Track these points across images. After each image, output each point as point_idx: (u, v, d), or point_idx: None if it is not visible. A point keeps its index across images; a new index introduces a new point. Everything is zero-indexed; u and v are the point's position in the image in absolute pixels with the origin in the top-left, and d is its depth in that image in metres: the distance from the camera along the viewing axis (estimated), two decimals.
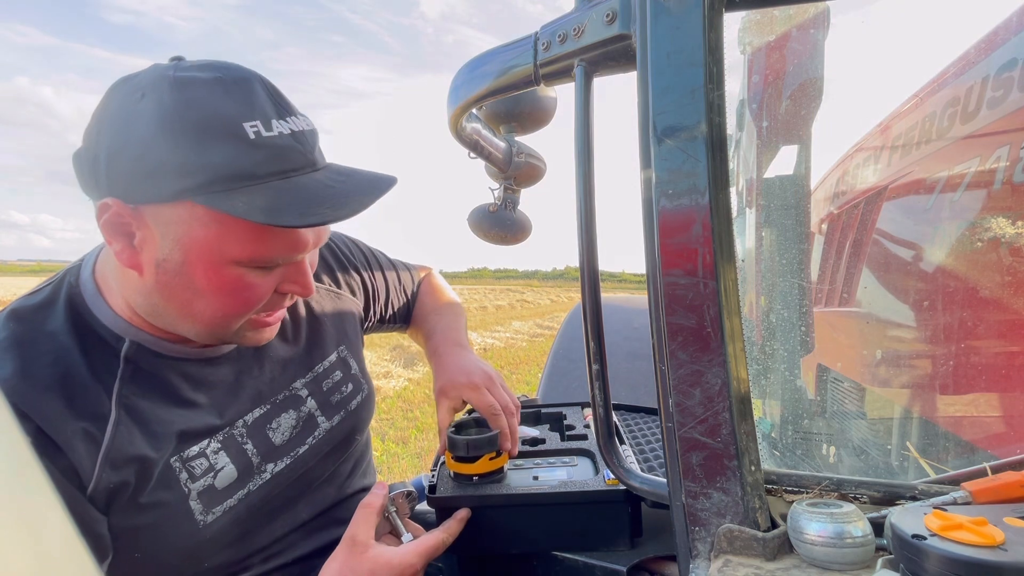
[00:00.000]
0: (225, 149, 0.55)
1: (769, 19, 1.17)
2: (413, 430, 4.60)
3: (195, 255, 0.59)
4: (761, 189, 1.25)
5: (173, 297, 0.62)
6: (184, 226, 0.58)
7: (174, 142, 0.54)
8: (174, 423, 0.66)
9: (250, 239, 0.59)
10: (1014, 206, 0.81)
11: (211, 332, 0.66)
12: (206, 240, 0.58)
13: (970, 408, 0.91)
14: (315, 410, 0.83)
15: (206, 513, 0.66)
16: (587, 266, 0.65)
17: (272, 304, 0.67)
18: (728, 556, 0.52)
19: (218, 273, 0.60)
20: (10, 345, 0.59)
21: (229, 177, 0.55)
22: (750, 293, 1.33)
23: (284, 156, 0.59)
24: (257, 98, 0.58)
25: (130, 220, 0.58)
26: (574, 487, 0.77)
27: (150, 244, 0.59)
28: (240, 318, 0.65)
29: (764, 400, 1.32)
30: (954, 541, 0.39)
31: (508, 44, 0.71)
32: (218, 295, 0.61)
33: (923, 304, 1.02)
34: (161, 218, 0.58)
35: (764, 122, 1.22)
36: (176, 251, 0.59)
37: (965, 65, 0.98)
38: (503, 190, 1.15)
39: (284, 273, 0.66)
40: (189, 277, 0.60)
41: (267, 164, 0.58)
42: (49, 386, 0.58)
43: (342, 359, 0.90)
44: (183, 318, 0.64)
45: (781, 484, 0.58)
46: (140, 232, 0.59)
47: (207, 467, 0.68)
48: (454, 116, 0.84)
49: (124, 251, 0.60)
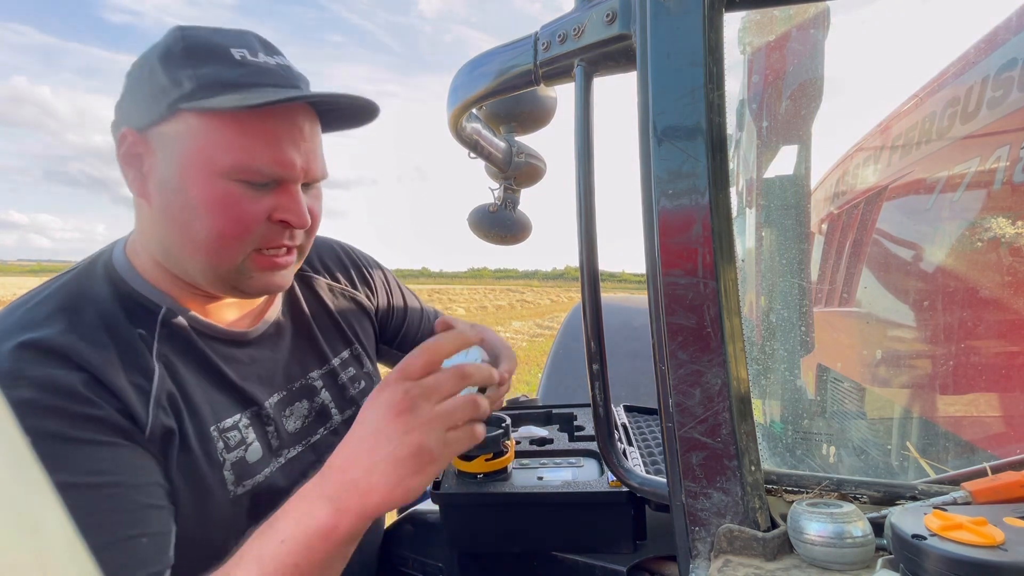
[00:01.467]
0: (213, 66, 0.62)
1: (769, 19, 1.17)
2: None
3: (188, 168, 0.63)
4: (761, 189, 1.25)
5: (175, 221, 0.65)
6: (179, 141, 0.63)
7: (170, 64, 0.62)
8: (207, 391, 0.69)
9: (234, 145, 0.63)
10: (1014, 206, 0.81)
11: (214, 265, 0.67)
12: (196, 150, 0.63)
13: (970, 408, 0.91)
14: (329, 402, 0.84)
15: (237, 485, 0.68)
16: (587, 266, 0.65)
17: (271, 236, 0.68)
18: (728, 556, 0.52)
19: (210, 186, 0.63)
20: (59, 308, 0.62)
21: (214, 85, 0.62)
22: (750, 293, 1.33)
23: (267, 73, 0.65)
24: (248, 37, 0.67)
25: (140, 148, 0.65)
26: (577, 488, 0.77)
27: (155, 169, 0.65)
28: (237, 244, 0.66)
29: (764, 400, 1.32)
30: (954, 541, 0.39)
31: (508, 44, 0.71)
32: (211, 210, 0.64)
33: (923, 304, 1.02)
34: (162, 138, 0.63)
35: (764, 122, 1.22)
36: (173, 167, 0.63)
37: (965, 65, 0.98)
38: (503, 190, 1.15)
39: (276, 200, 0.67)
40: (185, 194, 0.63)
41: (250, 77, 0.63)
42: (98, 341, 0.61)
43: (355, 356, 0.92)
44: (187, 248, 0.66)
45: (781, 484, 0.58)
46: (148, 159, 0.65)
47: (239, 439, 0.70)
48: (454, 116, 0.84)
49: (135, 180, 0.66)
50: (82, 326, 0.61)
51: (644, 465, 0.90)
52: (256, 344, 0.77)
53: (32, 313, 0.62)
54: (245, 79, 0.63)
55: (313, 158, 0.69)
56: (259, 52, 0.66)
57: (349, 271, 0.99)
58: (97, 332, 0.62)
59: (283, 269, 0.71)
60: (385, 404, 0.56)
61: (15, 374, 0.54)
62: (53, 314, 0.61)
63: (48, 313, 0.61)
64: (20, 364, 0.55)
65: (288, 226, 0.69)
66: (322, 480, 0.55)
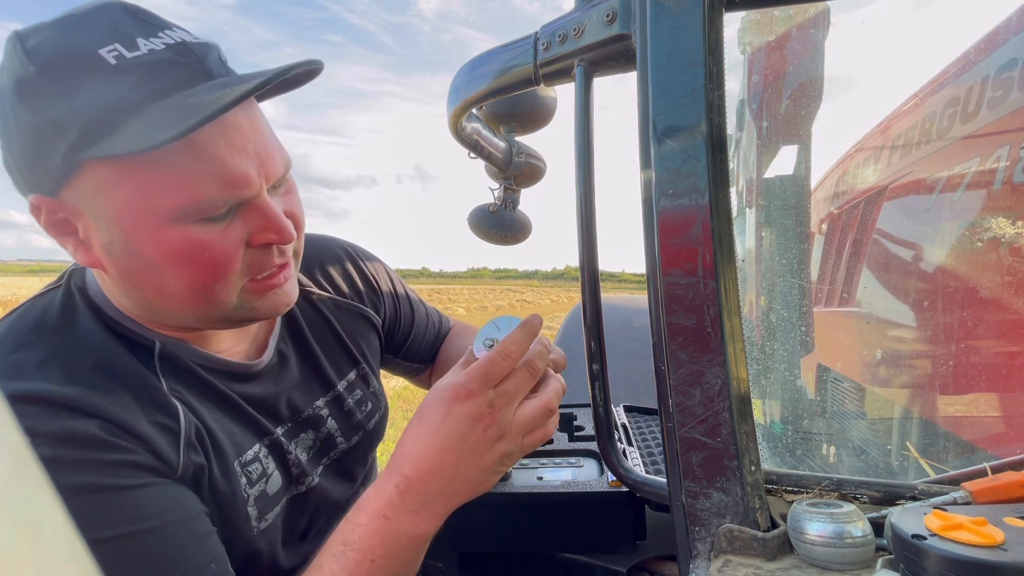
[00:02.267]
0: (87, 87, 0.47)
1: (769, 19, 1.17)
2: None
3: (129, 225, 0.52)
4: (761, 189, 1.25)
5: (142, 284, 0.56)
6: (100, 197, 0.51)
7: (30, 100, 0.48)
8: (224, 424, 0.63)
9: (170, 184, 0.51)
10: (1014, 206, 0.81)
11: (208, 313, 0.59)
12: (126, 203, 0.51)
13: (970, 408, 0.91)
14: (335, 431, 0.80)
15: (260, 520, 0.64)
16: (587, 266, 0.65)
17: (257, 263, 0.59)
18: (728, 556, 0.52)
19: (163, 237, 0.52)
20: (48, 354, 0.54)
21: (101, 117, 0.47)
22: (750, 293, 1.33)
23: (160, 73, 0.49)
24: (113, 21, 0.50)
25: (63, 213, 0.53)
26: (577, 488, 0.77)
27: (92, 232, 0.53)
28: (224, 287, 0.57)
29: (764, 400, 1.32)
30: (954, 541, 0.39)
31: (508, 44, 0.71)
32: (177, 265, 0.54)
33: (923, 304, 1.02)
34: (81, 197, 0.51)
35: (764, 122, 1.22)
36: (112, 229, 0.52)
37: (965, 65, 0.98)
38: (503, 190, 1.15)
39: (247, 223, 0.56)
40: (140, 254, 0.53)
41: (140, 87, 0.48)
42: (104, 388, 0.54)
43: (362, 376, 0.86)
44: (169, 305, 0.58)
45: (781, 484, 0.58)
46: (79, 222, 0.53)
47: (261, 472, 0.65)
48: (454, 116, 0.84)
49: (78, 250, 0.55)
50: (81, 373, 0.53)
51: (644, 465, 0.90)
52: (261, 378, 0.71)
53: (17, 361, 0.53)
54: (138, 91, 0.48)
55: (267, 156, 0.57)
56: (136, 38, 0.49)
57: (355, 281, 0.90)
58: (101, 378, 0.54)
59: (284, 285, 0.63)
60: (469, 417, 0.54)
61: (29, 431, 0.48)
62: (45, 363, 0.53)
63: (38, 362, 0.53)
64: (30, 421, 0.48)
65: (272, 244, 0.59)
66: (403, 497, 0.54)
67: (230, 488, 0.61)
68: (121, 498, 0.50)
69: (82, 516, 0.45)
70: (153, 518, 0.51)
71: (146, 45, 0.49)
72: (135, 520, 0.50)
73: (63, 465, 0.48)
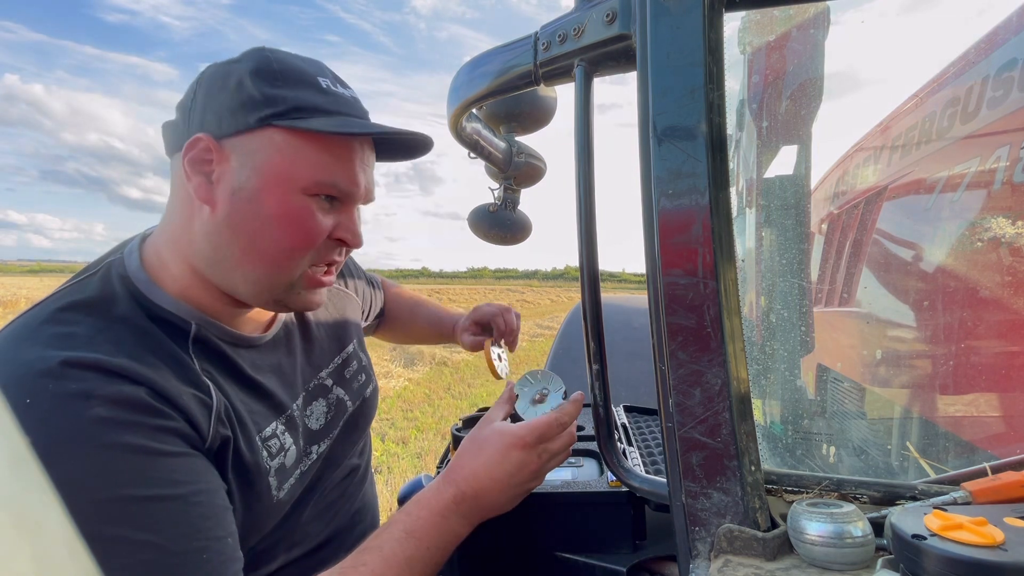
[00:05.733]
0: (303, 90, 0.67)
1: (769, 19, 1.17)
2: (413, 430, 4.60)
3: (270, 180, 0.66)
4: (761, 189, 1.25)
5: (242, 229, 0.66)
6: (263, 154, 0.65)
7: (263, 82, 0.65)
8: (247, 403, 0.70)
9: (318, 164, 0.67)
10: (1014, 206, 0.81)
11: (272, 279, 0.69)
12: (281, 165, 0.65)
13: (970, 408, 0.91)
14: (343, 395, 0.89)
15: (279, 489, 0.71)
16: (587, 266, 0.65)
17: (326, 252, 0.72)
18: (728, 556, 0.52)
19: (288, 200, 0.66)
20: (93, 330, 0.60)
21: (305, 108, 0.66)
22: (750, 293, 1.33)
23: (348, 104, 0.70)
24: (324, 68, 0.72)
25: (213, 154, 0.66)
26: (576, 488, 0.77)
27: (227, 176, 0.66)
28: (299, 259, 0.69)
29: (764, 400, 1.32)
30: (954, 541, 0.39)
31: (508, 44, 0.71)
32: (284, 223, 0.66)
33: (923, 304, 1.02)
34: (243, 148, 0.65)
35: (764, 122, 1.22)
36: (253, 178, 0.65)
37: (965, 65, 0.98)
38: (503, 190, 1.15)
39: (338, 219, 0.71)
40: (260, 204, 0.66)
41: (334, 105, 0.68)
42: (148, 361, 0.60)
43: (355, 352, 0.97)
44: (247, 258, 0.67)
45: (781, 484, 0.58)
46: (219, 167, 0.66)
47: (279, 447, 0.73)
48: (454, 116, 0.84)
49: (201, 186, 0.66)
50: (127, 347, 0.60)
51: (644, 465, 0.90)
52: (272, 349, 0.79)
53: (66, 333, 0.59)
54: (330, 106, 0.68)
55: (372, 184, 0.75)
56: (336, 84, 0.71)
57: (343, 275, 1.06)
58: (143, 354, 0.60)
59: (325, 287, 0.76)
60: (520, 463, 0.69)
61: (85, 393, 0.53)
62: (93, 337, 0.59)
63: (87, 336, 0.59)
64: (87, 384, 0.53)
65: (343, 244, 0.73)
66: (458, 505, 0.68)
67: (255, 461, 0.68)
68: (160, 462, 0.55)
69: (122, 473, 0.52)
70: (184, 485, 0.56)
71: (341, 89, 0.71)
72: (168, 484, 0.55)
73: (116, 425, 0.53)
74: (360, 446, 0.95)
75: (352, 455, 0.92)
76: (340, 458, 0.88)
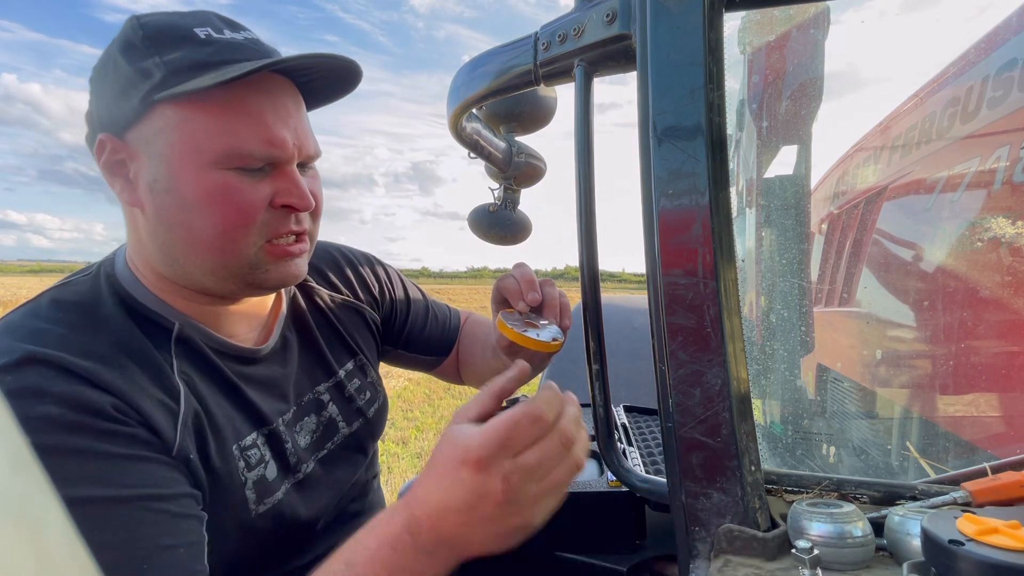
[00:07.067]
0: (179, 49, 0.59)
1: (769, 19, 1.17)
2: (413, 430, 4.60)
3: (176, 163, 0.60)
4: (761, 189, 1.25)
5: (174, 224, 0.62)
6: (161, 137, 0.60)
7: (134, 54, 0.59)
8: (226, 409, 0.67)
9: (220, 130, 0.60)
10: (1014, 206, 0.81)
11: (226, 263, 0.64)
12: (180, 142, 0.60)
13: (970, 408, 0.91)
14: (336, 415, 0.83)
15: (258, 503, 0.67)
16: (587, 266, 0.65)
17: (277, 223, 0.65)
18: (728, 556, 0.52)
19: (203, 178, 0.60)
20: (69, 329, 0.59)
21: (185, 68, 0.59)
22: (750, 293, 1.33)
23: (237, 48, 0.62)
24: (208, 16, 0.64)
25: (122, 153, 0.62)
26: (576, 488, 0.77)
27: (143, 172, 0.62)
28: (244, 237, 0.63)
29: (764, 400, 1.32)
30: (991, 546, 0.38)
31: (508, 44, 0.71)
32: (209, 204, 0.61)
33: (923, 304, 1.02)
34: (143, 138, 0.61)
35: (764, 122, 1.22)
36: (161, 166, 0.60)
37: (965, 65, 0.98)
38: (503, 190, 1.15)
39: (275, 185, 0.64)
40: (178, 192, 0.61)
41: (220, 54, 0.60)
42: (118, 364, 0.58)
43: (360, 366, 0.91)
44: (193, 250, 0.63)
45: (781, 484, 0.58)
46: (132, 164, 0.62)
47: (260, 458, 0.69)
48: (454, 116, 0.84)
49: (124, 189, 0.63)
50: (99, 350, 0.58)
51: (644, 465, 0.90)
52: (267, 361, 0.76)
53: (39, 329, 0.58)
54: (215, 57, 0.60)
55: (304, 135, 0.66)
56: (224, 29, 0.62)
57: (349, 278, 0.96)
58: (115, 355, 0.59)
59: (297, 258, 0.69)
60: (476, 491, 0.47)
61: (39, 389, 0.52)
62: (66, 337, 0.58)
63: (59, 335, 0.58)
64: (43, 380, 0.52)
65: (292, 210, 0.66)
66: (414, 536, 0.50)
67: (227, 471, 0.64)
68: (104, 464, 0.52)
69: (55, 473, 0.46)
70: (129, 488, 0.53)
71: (230, 33, 0.62)
72: (110, 486, 0.52)
73: (62, 425, 0.51)
74: (367, 461, 0.89)
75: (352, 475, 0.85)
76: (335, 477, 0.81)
